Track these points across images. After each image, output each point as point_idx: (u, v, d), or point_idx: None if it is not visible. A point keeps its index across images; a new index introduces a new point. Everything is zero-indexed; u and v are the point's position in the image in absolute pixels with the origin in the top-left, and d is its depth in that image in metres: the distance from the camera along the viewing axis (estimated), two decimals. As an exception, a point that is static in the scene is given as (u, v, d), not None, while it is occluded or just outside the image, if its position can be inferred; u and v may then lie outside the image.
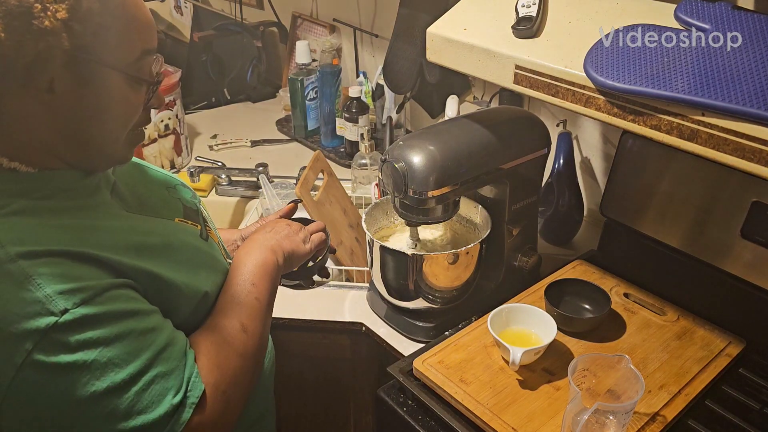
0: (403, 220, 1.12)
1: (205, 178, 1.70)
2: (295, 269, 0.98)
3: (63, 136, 0.71)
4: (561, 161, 1.37)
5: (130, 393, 0.67)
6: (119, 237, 0.74)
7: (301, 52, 1.86)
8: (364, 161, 1.55)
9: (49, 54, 0.65)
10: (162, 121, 1.71)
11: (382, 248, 1.11)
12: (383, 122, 1.80)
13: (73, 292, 0.65)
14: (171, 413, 0.69)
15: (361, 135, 1.56)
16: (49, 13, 0.63)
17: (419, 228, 1.18)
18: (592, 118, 0.82)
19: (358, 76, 1.90)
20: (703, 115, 0.71)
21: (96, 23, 0.67)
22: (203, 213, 0.97)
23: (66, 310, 0.64)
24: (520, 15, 0.91)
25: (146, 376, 0.68)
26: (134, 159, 0.95)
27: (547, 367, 1.01)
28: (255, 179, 1.66)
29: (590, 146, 1.43)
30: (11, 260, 0.64)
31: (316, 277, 1.06)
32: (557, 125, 1.38)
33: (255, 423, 0.95)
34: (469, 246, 1.09)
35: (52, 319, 0.63)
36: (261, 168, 1.66)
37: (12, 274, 0.63)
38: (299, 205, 1.13)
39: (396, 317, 1.18)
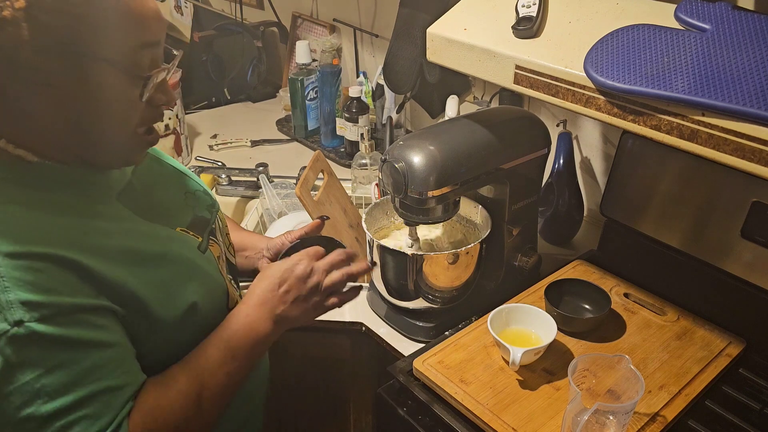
0: (403, 220, 1.12)
1: (205, 178, 1.70)
2: None
3: (67, 130, 0.71)
4: (561, 161, 1.37)
5: (50, 429, 0.64)
6: (113, 240, 0.72)
7: (301, 52, 1.86)
8: (364, 161, 1.55)
9: (14, 44, 0.63)
10: (162, 121, 1.71)
11: (382, 248, 1.11)
12: (383, 122, 1.80)
13: (38, 305, 0.63)
14: None
15: (361, 135, 1.56)
16: (8, 2, 0.62)
17: (419, 227, 1.18)
18: (592, 118, 0.82)
19: (358, 76, 1.90)
20: (703, 115, 0.71)
21: (73, 14, 0.65)
22: (216, 224, 0.94)
23: (20, 323, 0.62)
24: (520, 15, 0.91)
25: (72, 416, 0.65)
26: (170, 160, 0.96)
27: (547, 367, 1.01)
28: (255, 179, 1.66)
29: (590, 146, 1.43)
30: None
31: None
32: (557, 125, 1.38)
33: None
34: (469, 246, 1.09)
35: (2, 327, 0.61)
36: (261, 168, 1.66)
37: None
38: (299, 204, 1.12)
39: (396, 317, 1.18)
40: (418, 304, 1.14)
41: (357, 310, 1.24)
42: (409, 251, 1.10)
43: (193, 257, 0.83)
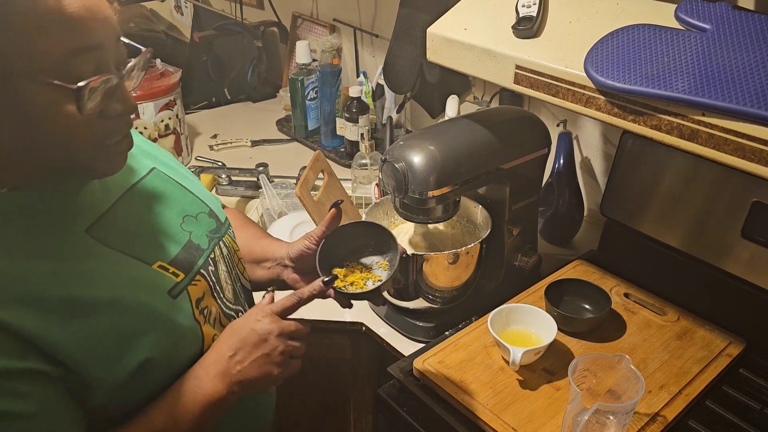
0: (405, 220, 1.12)
1: (205, 178, 1.70)
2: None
3: (7, 156, 0.62)
4: (561, 161, 1.37)
5: None
6: (54, 287, 0.64)
7: (302, 52, 1.86)
8: (364, 161, 1.55)
9: None
10: (162, 120, 1.71)
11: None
12: (383, 122, 1.80)
13: None
14: None
15: (362, 135, 1.56)
16: None
17: (418, 227, 1.18)
18: (593, 118, 0.82)
19: (358, 76, 1.90)
20: (703, 115, 0.71)
21: None
22: (217, 251, 0.86)
23: None
24: (521, 15, 0.91)
25: None
26: (172, 174, 0.86)
27: (547, 367, 1.01)
28: (255, 179, 1.66)
29: (590, 146, 1.43)
30: None
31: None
32: (557, 125, 1.38)
33: None
34: (469, 246, 1.09)
35: None
36: (261, 168, 1.66)
37: None
38: (299, 204, 1.10)
39: (396, 317, 1.18)
40: (418, 304, 1.14)
41: (357, 310, 1.24)
42: (409, 251, 1.10)
43: (154, 304, 0.73)
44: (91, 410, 0.69)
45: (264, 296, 0.85)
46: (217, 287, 0.85)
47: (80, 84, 0.60)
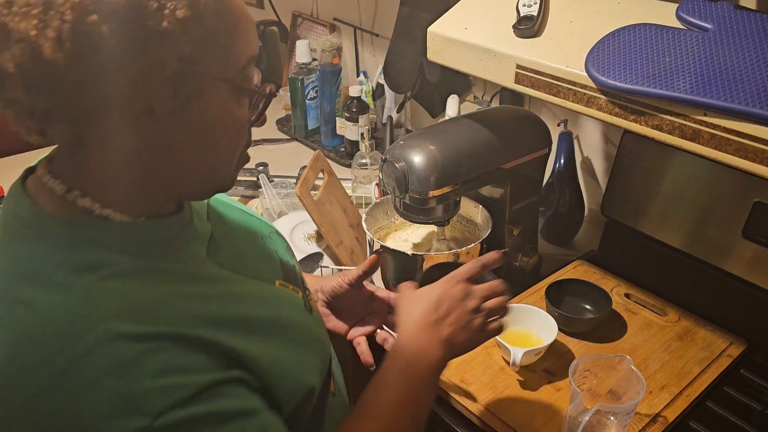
0: (406, 220, 1.12)
1: (205, 178, 1.70)
2: None
3: (166, 168, 0.59)
4: (562, 161, 1.37)
5: None
6: (223, 305, 0.61)
7: (302, 52, 1.86)
8: (364, 161, 1.55)
9: (162, 63, 0.52)
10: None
11: (383, 248, 1.11)
12: (383, 122, 1.79)
13: (174, 389, 0.53)
14: None
15: (362, 134, 1.56)
16: (167, 11, 0.50)
17: (418, 227, 1.18)
18: (594, 117, 0.82)
19: (358, 76, 1.90)
20: (705, 115, 0.71)
21: (209, 24, 0.54)
22: (299, 271, 0.81)
23: (160, 414, 0.51)
24: (521, 14, 0.90)
25: None
26: (225, 198, 0.81)
27: (547, 367, 1.01)
28: (255, 179, 1.65)
29: (591, 146, 1.43)
30: (112, 339, 0.51)
31: None
32: (558, 125, 1.38)
33: None
34: (470, 246, 1.08)
35: (144, 422, 0.51)
36: (261, 167, 1.66)
37: (108, 357, 0.51)
38: (299, 203, 1.08)
39: (396, 317, 1.18)
40: (419, 304, 1.13)
41: (357, 310, 1.24)
42: (409, 251, 1.10)
43: (303, 321, 0.70)
44: None
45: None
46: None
47: (262, 89, 0.61)
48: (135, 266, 0.57)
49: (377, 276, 1.15)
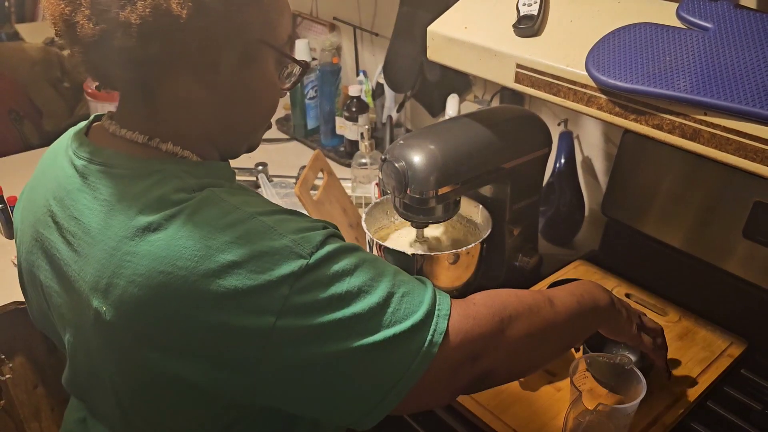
0: (405, 220, 1.12)
1: (204, 178, 1.70)
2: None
3: (219, 121, 0.71)
4: (562, 161, 1.37)
5: (387, 312, 0.62)
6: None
7: (301, 51, 1.86)
8: (364, 160, 1.55)
9: (246, 28, 0.65)
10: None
11: (383, 248, 1.11)
12: (383, 121, 1.79)
13: (310, 239, 0.63)
14: (426, 322, 0.64)
15: (361, 134, 1.56)
16: None
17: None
18: (594, 117, 0.82)
19: (358, 75, 1.89)
20: (705, 114, 0.71)
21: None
22: None
23: (312, 253, 0.61)
24: (521, 13, 0.90)
25: (395, 297, 0.64)
26: None
27: (547, 367, 1.01)
28: (254, 178, 1.65)
29: (591, 146, 1.43)
30: (251, 217, 0.62)
31: None
32: (558, 124, 1.38)
33: None
34: (470, 246, 1.08)
35: (302, 262, 0.61)
36: (260, 167, 1.66)
37: (256, 229, 0.62)
38: (299, 203, 1.10)
39: (396, 317, 1.18)
40: (419, 304, 1.13)
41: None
42: (409, 251, 1.10)
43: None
44: None
45: None
46: None
47: (302, 61, 0.74)
48: (224, 188, 0.67)
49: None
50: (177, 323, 0.60)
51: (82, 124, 0.75)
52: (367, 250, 1.17)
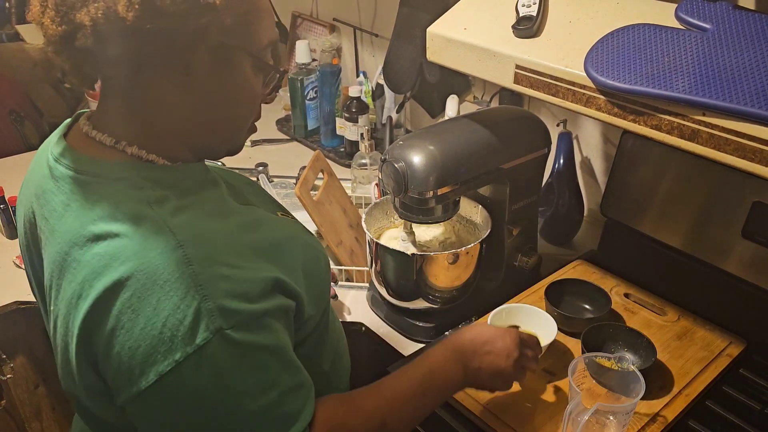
0: (404, 220, 1.12)
1: (204, 178, 1.70)
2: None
3: (194, 123, 0.70)
4: (561, 161, 1.37)
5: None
6: (252, 233, 0.70)
7: (301, 52, 1.86)
8: (364, 161, 1.55)
9: (205, 32, 0.63)
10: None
11: (383, 248, 1.11)
12: (383, 122, 1.79)
13: (234, 312, 0.62)
14: None
15: (361, 135, 1.56)
16: None
17: (418, 227, 1.18)
18: (593, 117, 0.82)
19: (358, 76, 1.90)
20: (703, 115, 0.71)
21: (247, 3, 0.67)
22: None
23: (220, 329, 0.61)
24: (521, 14, 0.91)
25: (271, 413, 0.65)
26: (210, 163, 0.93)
27: (547, 367, 1.01)
28: (255, 179, 1.66)
29: (590, 146, 1.43)
30: (187, 263, 0.61)
31: None
32: (557, 125, 1.38)
33: None
34: (469, 246, 1.09)
35: (206, 336, 0.60)
36: (261, 168, 1.66)
37: (184, 279, 0.60)
38: (299, 204, 1.10)
39: (396, 317, 1.18)
40: (418, 304, 1.14)
41: (357, 310, 1.24)
42: (409, 251, 1.10)
43: (312, 242, 0.81)
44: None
45: None
46: None
47: (281, 68, 0.74)
48: (181, 201, 0.67)
49: (377, 277, 1.15)
50: (93, 338, 0.63)
51: (67, 121, 0.76)
52: (367, 250, 1.17)
